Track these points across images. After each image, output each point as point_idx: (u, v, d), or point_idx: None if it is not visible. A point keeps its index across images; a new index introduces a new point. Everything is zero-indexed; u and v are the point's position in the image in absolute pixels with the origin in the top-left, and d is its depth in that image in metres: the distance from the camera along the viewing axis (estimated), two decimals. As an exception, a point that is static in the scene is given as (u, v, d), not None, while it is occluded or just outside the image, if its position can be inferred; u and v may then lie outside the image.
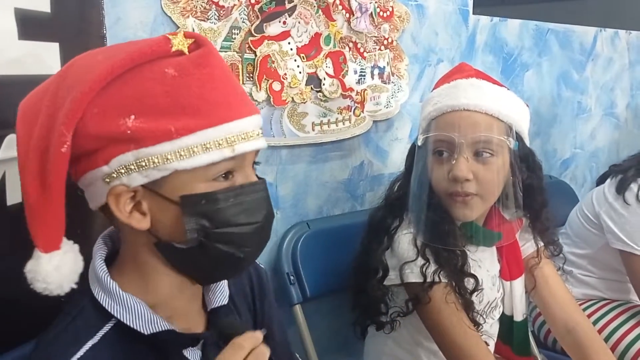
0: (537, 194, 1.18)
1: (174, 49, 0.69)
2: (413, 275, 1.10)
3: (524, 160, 1.14)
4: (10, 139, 0.79)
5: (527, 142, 1.16)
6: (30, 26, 0.86)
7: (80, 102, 0.65)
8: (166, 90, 0.67)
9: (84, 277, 0.74)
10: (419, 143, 1.14)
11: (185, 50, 0.70)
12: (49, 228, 0.68)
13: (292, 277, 1.32)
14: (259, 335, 0.70)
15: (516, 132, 1.11)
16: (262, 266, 0.95)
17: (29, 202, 0.67)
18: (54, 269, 0.68)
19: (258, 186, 0.74)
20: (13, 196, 0.83)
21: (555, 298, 1.25)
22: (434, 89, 1.19)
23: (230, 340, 0.69)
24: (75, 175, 0.71)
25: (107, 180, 0.68)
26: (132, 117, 0.66)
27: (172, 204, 0.69)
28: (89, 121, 0.66)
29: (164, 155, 0.66)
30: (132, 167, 0.67)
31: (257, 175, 0.76)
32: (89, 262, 0.76)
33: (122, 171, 0.67)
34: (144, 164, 0.67)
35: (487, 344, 1.18)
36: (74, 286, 0.71)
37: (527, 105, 1.18)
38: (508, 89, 1.15)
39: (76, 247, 0.73)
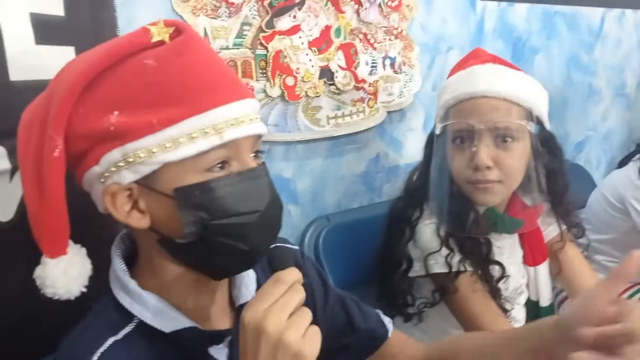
0: (559, 178, 1.16)
1: (154, 39, 0.67)
2: (438, 266, 1.10)
3: (545, 144, 1.13)
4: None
5: (547, 125, 1.14)
6: (46, 31, 0.86)
7: (65, 105, 0.64)
8: (147, 82, 0.65)
9: (107, 280, 0.73)
10: (437, 132, 1.13)
11: (167, 39, 0.68)
12: (53, 233, 0.68)
13: (314, 272, 1.31)
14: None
15: (536, 116, 1.09)
16: (295, 247, 0.90)
17: (30, 210, 0.67)
18: (62, 273, 0.68)
19: (256, 172, 0.70)
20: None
21: (581, 280, 1.24)
22: (449, 76, 1.18)
23: None
24: (78, 181, 0.70)
25: (102, 180, 0.67)
26: (116, 113, 0.64)
27: (167, 198, 0.67)
28: (76, 122, 0.65)
29: (149, 148, 0.65)
30: (121, 164, 0.66)
31: (260, 163, 0.72)
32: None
33: (113, 169, 0.66)
34: (130, 159, 0.65)
35: (516, 330, 1.18)
36: (84, 290, 0.71)
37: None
38: (525, 73, 1.14)
39: (83, 250, 0.72)
